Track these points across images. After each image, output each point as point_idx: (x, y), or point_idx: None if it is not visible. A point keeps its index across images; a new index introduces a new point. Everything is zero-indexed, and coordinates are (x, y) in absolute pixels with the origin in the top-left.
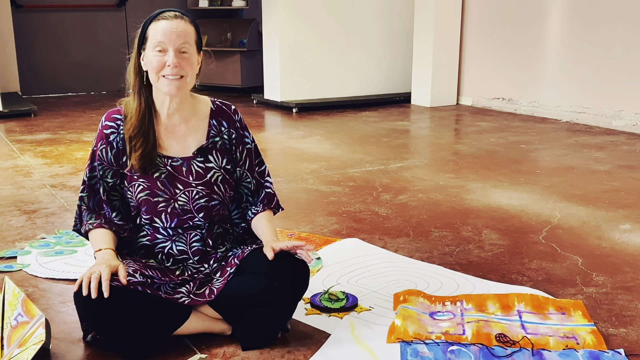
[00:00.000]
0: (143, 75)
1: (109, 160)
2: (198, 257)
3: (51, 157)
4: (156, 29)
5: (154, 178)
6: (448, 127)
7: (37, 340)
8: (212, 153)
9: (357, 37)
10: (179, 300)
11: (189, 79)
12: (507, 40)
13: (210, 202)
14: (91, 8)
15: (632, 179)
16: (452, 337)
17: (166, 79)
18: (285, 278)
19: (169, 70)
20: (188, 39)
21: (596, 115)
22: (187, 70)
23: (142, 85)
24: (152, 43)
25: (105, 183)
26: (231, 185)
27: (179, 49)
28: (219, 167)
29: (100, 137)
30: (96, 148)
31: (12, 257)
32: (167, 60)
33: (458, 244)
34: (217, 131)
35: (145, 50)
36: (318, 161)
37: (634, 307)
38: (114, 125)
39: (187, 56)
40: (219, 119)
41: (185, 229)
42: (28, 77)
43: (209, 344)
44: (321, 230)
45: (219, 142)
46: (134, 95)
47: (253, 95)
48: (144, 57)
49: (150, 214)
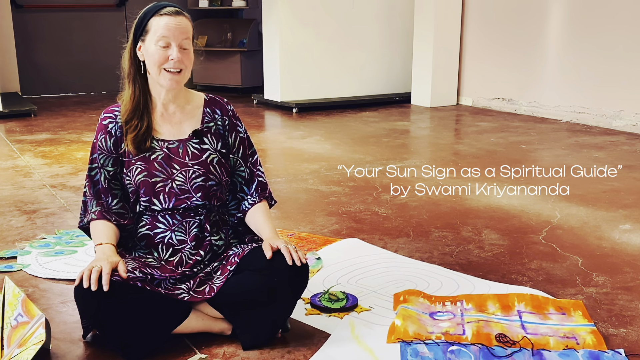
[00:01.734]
0: (139, 65)
1: (109, 149)
2: (194, 243)
3: (51, 157)
4: (159, 23)
5: (151, 160)
6: (448, 127)
7: (37, 340)
8: (207, 136)
9: (357, 37)
10: (178, 296)
11: (187, 72)
12: (507, 41)
13: (207, 182)
14: (91, 8)
15: (632, 179)
16: (452, 337)
17: (168, 73)
18: (285, 276)
19: (171, 64)
20: (188, 35)
21: (596, 115)
22: (186, 64)
23: (137, 74)
24: (154, 37)
25: (105, 172)
26: (227, 169)
27: (181, 44)
28: (214, 149)
29: (100, 129)
30: (96, 140)
31: (12, 257)
32: (171, 55)
33: (458, 244)
34: (211, 117)
35: (144, 42)
36: (318, 161)
37: (634, 307)
38: (111, 115)
39: (187, 51)
40: (213, 107)
41: (183, 214)
42: (28, 77)
43: (209, 343)
44: (321, 230)
45: (213, 127)
46: (128, 83)
47: (253, 95)
48: (142, 48)
49: (148, 195)
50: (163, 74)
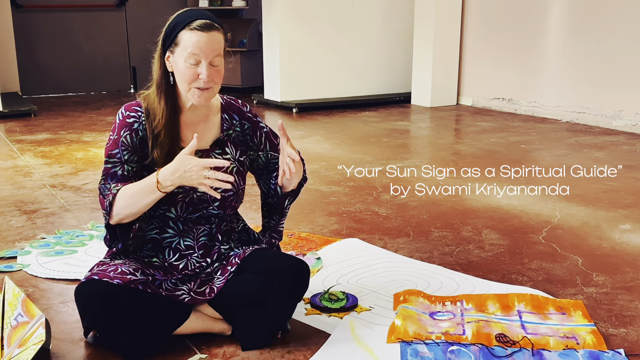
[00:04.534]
0: (169, 76)
1: (134, 145)
2: (202, 251)
3: (51, 157)
4: (191, 39)
5: None
6: (448, 127)
7: (37, 340)
8: (228, 145)
9: (357, 37)
10: (179, 297)
11: (217, 88)
12: (507, 41)
13: (226, 192)
14: (91, 8)
15: (632, 179)
16: (452, 337)
17: (198, 90)
18: (286, 278)
19: (201, 83)
20: (220, 51)
21: (596, 115)
22: (216, 81)
23: (167, 86)
24: (185, 53)
25: (129, 167)
26: (244, 177)
27: (211, 62)
28: (234, 159)
29: (123, 126)
30: (118, 136)
31: (12, 257)
32: (201, 74)
33: (458, 244)
34: (229, 124)
35: (173, 54)
36: (318, 161)
37: (634, 307)
38: (135, 115)
39: (217, 67)
40: (230, 113)
41: (195, 221)
42: (28, 77)
43: (209, 344)
44: (321, 230)
45: (232, 135)
46: (158, 95)
47: (253, 95)
48: (171, 59)
49: (167, 205)
50: (192, 90)
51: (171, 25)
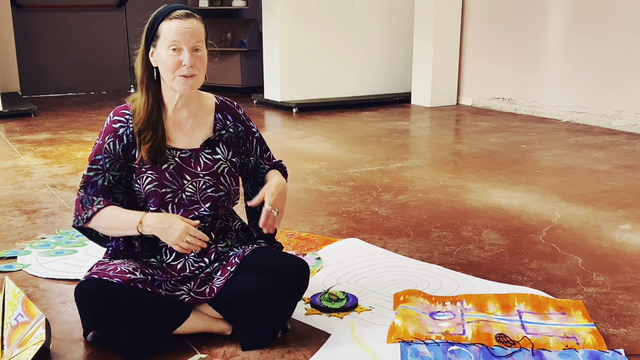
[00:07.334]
0: (152, 71)
1: (117, 153)
2: (199, 251)
3: (51, 157)
4: (169, 28)
5: (162, 170)
6: (448, 127)
7: (37, 340)
8: (219, 145)
9: (357, 37)
10: (179, 297)
11: (201, 76)
12: (507, 40)
13: (217, 192)
14: (91, 8)
15: (632, 179)
16: (452, 337)
17: (182, 78)
18: (286, 278)
19: (185, 70)
20: (201, 37)
21: (596, 115)
22: (200, 68)
23: (150, 80)
24: (165, 42)
25: (110, 176)
26: (236, 177)
27: (193, 47)
28: (225, 159)
29: (108, 131)
30: (102, 142)
31: (12, 257)
32: (183, 60)
33: (458, 244)
34: (222, 125)
35: (156, 48)
36: (318, 161)
37: (634, 307)
38: (122, 119)
39: (200, 54)
40: (224, 113)
41: None
42: (28, 77)
43: (209, 343)
44: (321, 230)
45: (225, 135)
46: (141, 90)
47: (253, 95)
48: (154, 54)
49: (157, 206)
50: (177, 79)
51: (151, 21)
